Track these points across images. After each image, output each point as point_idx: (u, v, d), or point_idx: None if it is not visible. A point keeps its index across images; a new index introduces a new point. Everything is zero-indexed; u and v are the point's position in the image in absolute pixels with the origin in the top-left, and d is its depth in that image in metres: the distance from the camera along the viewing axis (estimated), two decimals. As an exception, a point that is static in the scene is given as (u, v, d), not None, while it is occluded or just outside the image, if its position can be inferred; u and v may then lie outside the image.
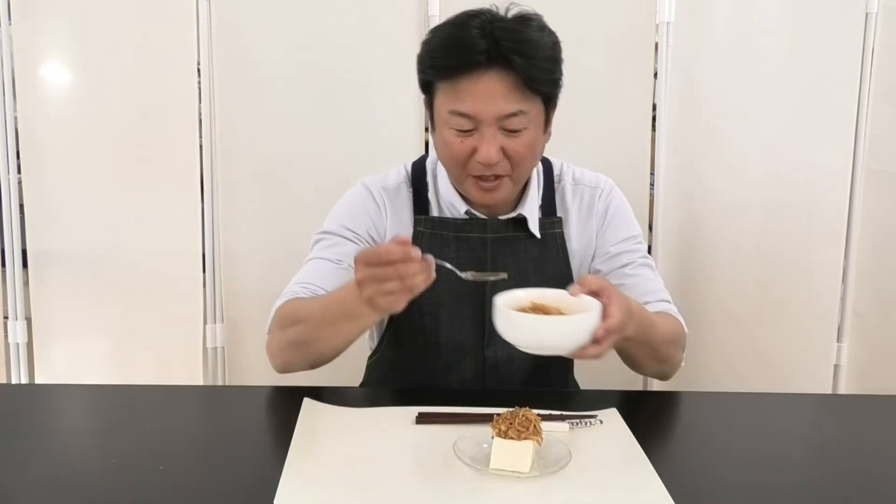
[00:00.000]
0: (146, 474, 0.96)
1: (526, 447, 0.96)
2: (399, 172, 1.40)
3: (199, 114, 2.06)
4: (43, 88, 2.04)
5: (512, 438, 0.96)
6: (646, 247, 1.42)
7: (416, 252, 1.01)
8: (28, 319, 2.13)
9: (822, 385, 2.17)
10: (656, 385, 2.16)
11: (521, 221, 1.34)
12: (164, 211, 2.08)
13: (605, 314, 1.02)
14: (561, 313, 1.02)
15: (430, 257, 1.03)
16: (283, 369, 1.27)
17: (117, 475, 0.97)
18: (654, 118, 2.13)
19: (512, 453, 0.96)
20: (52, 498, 0.92)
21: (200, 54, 2.03)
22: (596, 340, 1.01)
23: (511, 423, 0.97)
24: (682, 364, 1.34)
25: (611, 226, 1.39)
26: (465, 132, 1.21)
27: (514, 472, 0.95)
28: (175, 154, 2.07)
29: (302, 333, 1.21)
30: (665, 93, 2.08)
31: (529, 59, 1.16)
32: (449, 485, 0.94)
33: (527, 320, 1.00)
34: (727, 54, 2.07)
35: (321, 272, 1.30)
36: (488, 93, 1.17)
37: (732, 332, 2.15)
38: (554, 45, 1.22)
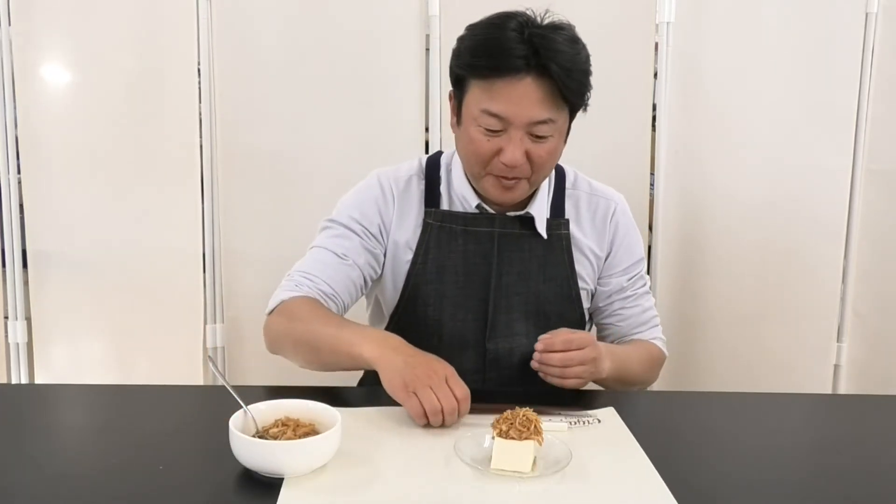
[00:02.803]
0: (146, 474, 0.96)
1: (527, 447, 0.96)
2: (412, 165, 1.41)
3: (200, 114, 2.06)
4: (43, 88, 2.04)
5: (513, 438, 0.96)
6: (645, 265, 1.48)
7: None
8: (28, 319, 2.13)
9: (822, 385, 2.17)
10: (656, 385, 2.16)
11: (528, 220, 1.36)
12: (165, 211, 2.08)
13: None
14: (312, 426, 1.01)
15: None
16: (274, 353, 1.32)
17: (117, 475, 0.97)
18: (654, 118, 2.13)
19: (513, 453, 0.96)
20: (53, 498, 0.92)
21: (200, 54, 2.03)
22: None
23: (512, 424, 0.97)
24: (667, 363, 1.48)
25: (622, 248, 1.43)
26: (494, 132, 1.23)
27: (515, 472, 0.95)
28: (175, 154, 2.07)
29: (305, 350, 1.25)
30: (665, 93, 2.08)
31: (566, 70, 1.19)
32: (450, 485, 0.94)
33: (247, 444, 0.95)
34: (727, 54, 2.07)
35: (326, 265, 1.32)
36: (523, 98, 1.20)
37: (732, 332, 2.15)
38: (587, 59, 1.25)
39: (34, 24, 2.01)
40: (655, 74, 2.09)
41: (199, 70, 2.05)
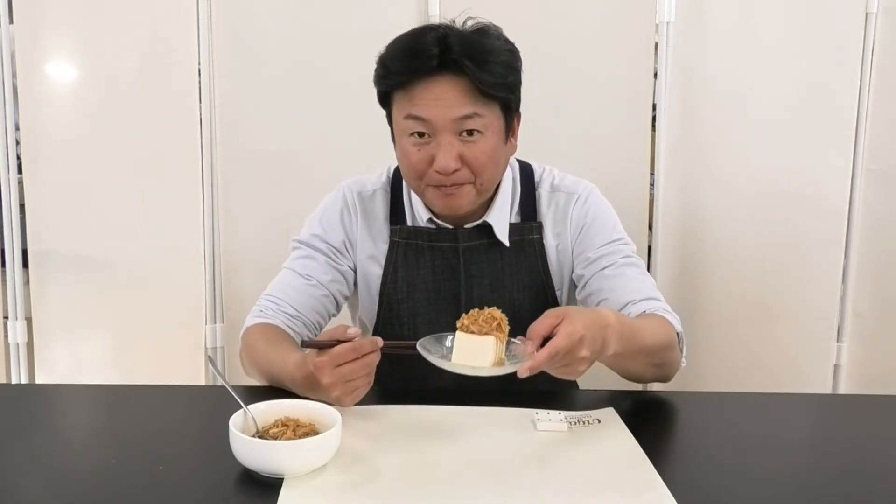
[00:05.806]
0: (146, 474, 0.96)
1: (487, 342, 0.96)
2: (379, 177, 1.41)
3: (200, 114, 2.06)
4: (44, 88, 2.04)
5: (473, 333, 0.96)
6: (632, 248, 1.37)
7: (378, 341, 1.05)
8: (28, 319, 2.13)
9: (822, 385, 2.17)
10: (655, 385, 2.15)
11: (492, 228, 1.33)
12: (165, 211, 2.08)
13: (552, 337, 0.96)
14: (312, 426, 1.01)
15: (380, 340, 1.06)
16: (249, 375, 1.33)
17: (117, 475, 0.97)
18: (654, 118, 2.13)
19: (473, 348, 0.96)
20: (53, 498, 0.92)
21: (200, 54, 2.04)
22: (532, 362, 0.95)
23: (475, 320, 0.98)
24: (684, 363, 1.31)
25: (589, 233, 1.35)
26: (422, 139, 1.21)
27: (473, 366, 0.95)
28: (176, 154, 2.07)
29: (254, 374, 1.28)
30: (665, 93, 2.08)
31: (481, 64, 1.17)
32: (449, 485, 0.94)
33: (247, 444, 0.94)
34: (727, 54, 2.07)
35: (291, 288, 1.34)
36: (441, 97, 1.18)
37: (732, 332, 2.15)
38: (510, 53, 1.22)
39: (35, 23, 2.01)
40: (655, 74, 2.09)
41: (199, 70, 2.05)
